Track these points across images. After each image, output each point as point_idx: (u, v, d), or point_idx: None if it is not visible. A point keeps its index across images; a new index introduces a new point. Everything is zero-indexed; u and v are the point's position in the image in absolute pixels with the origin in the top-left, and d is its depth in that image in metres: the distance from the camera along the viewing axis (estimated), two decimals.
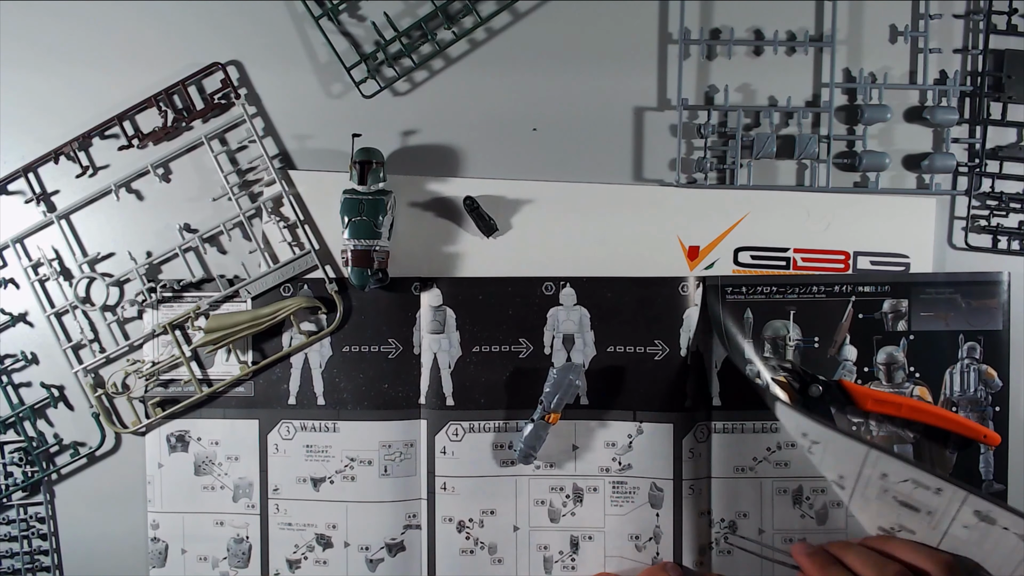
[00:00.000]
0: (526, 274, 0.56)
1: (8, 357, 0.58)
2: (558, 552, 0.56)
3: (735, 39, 0.55)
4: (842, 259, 0.56)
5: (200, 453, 0.57)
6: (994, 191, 0.56)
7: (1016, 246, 0.56)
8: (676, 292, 0.55)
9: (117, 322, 0.57)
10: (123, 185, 0.57)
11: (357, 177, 0.53)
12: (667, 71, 0.56)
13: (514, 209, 0.56)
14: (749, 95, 0.56)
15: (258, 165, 0.57)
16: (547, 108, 0.56)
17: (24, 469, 0.58)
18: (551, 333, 0.56)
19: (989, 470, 0.55)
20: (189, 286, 0.57)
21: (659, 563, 0.53)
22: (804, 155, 0.55)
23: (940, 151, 0.56)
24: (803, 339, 0.55)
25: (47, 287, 0.58)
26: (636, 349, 0.55)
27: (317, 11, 0.55)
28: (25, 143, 0.57)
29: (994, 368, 0.55)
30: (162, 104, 0.56)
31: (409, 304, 0.56)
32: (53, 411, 0.58)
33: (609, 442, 0.56)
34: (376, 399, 0.57)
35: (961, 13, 0.56)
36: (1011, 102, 0.55)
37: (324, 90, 0.57)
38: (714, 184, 0.56)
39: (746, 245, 0.56)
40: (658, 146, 0.56)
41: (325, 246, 0.57)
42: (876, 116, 0.55)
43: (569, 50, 0.56)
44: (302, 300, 0.56)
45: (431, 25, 0.55)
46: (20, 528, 0.58)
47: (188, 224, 0.57)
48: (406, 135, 0.57)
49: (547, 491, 0.56)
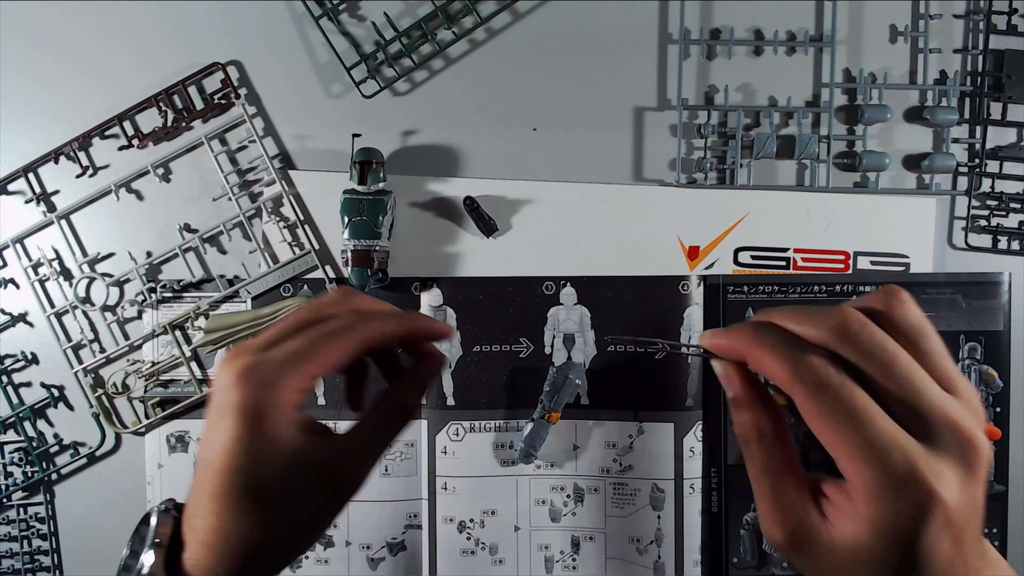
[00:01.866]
0: (526, 274, 0.56)
1: (8, 357, 0.58)
2: (559, 552, 0.56)
3: (735, 39, 0.55)
4: (842, 259, 0.56)
5: None
6: (994, 191, 0.56)
7: (1016, 246, 0.56)
8: (677, 291, 0.55)
9: (117, 322, 0.57)
10: (123, 185, 0.57)
11: (357, 177, 0.53)
12: (667, 71, 0.56)
13: (514, 209, 0.56)
14: (749, 95, 0.56)
15: (258, 165, 0.57)
16: (547, 108, 0.56)
17: (24, 469, 0.58)
18: (551, 333, 0.56)
19: (990, 471, 0.55)
20: (189, 286, 0.57)
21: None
22: (804, 155, 0.55)
23: (940, 151, 0.56)
24: None
25: (47, 287, 0.57)
26: (637, 349, 0.55)
27: (317, 11, 0.55)
28: (25, 143, 0.57)
29: (995, 369, 0.55)
30: (162, 104, 0.56)
31: (409, 304, 0.56)
32: (53, 411, 0.58)
33: (610, 442, 0.56)
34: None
35: (961, 13, 0.56)
36: (1011, 102, 0.55)
37: (324, 90, 0.57)
38: (714, 184, 0.56)
39: (746, 245, 0.56)
40: (658, 146, 0.56)
41: (325, 246, 0.57)
42: (876, 116, 0.55)
43: (569, 50, 0.56)
44: (302, 300, 0.56)
45: (431, 25, 0.55)
46: (20, 528, 0.58)
47: (188, 224, 0.57)
48: (406, 135, 0.57)
49: (548, 491, 0.56)
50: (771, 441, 0.33)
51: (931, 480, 0.28)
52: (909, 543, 0.28)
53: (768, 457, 0.33)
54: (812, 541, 0.31)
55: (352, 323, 0.36)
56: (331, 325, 0.36)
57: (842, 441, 0.29)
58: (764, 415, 0.34)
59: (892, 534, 0.28)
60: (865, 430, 0.28)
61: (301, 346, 0.35)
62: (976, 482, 0.29)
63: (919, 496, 0.28)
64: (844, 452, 0.29)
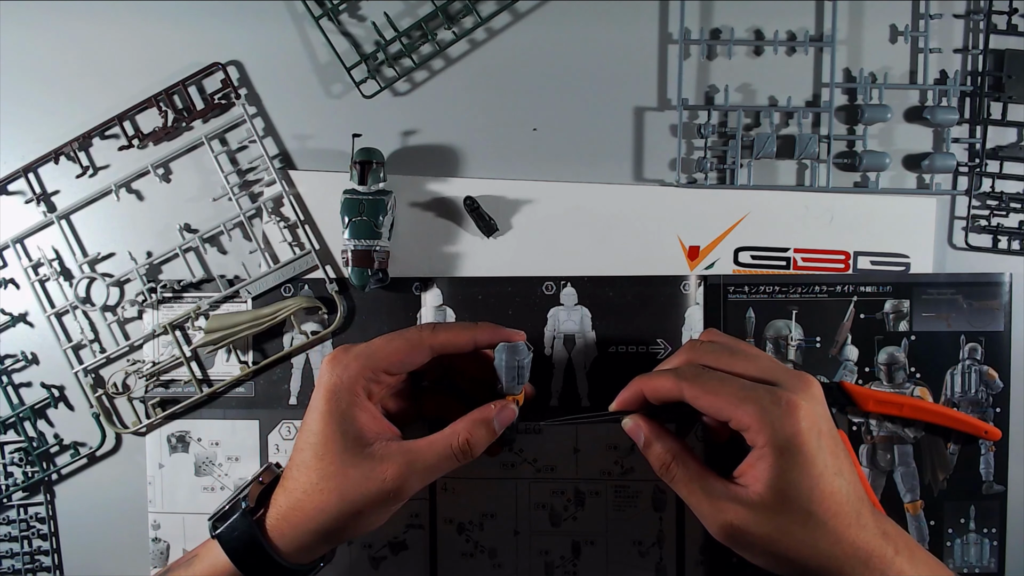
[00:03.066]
0: (526, 274, 0.56)
1: (8, 357, 0.58)
2: (559, 557, 0.56)
3: (735, 39, 0.55)
4: (842, 259, 0.56)
5: (200, 454, 0.57)
6: (994, 191, 0.56)
7: (1016, 246, 0.56)
8: (678, 291, 0.55)
9: (117, 322, 0.57)
10: (123, 185, 0.57)
11: (357, 177, 0.53)
12: (667, 71, 0.56)
13: (514, 209, 0.56)
14: (749, 95, 0.56)
15: (258, 165, 0.57)
16: (547, 108, 0.56)
17: (24, 469, 0.58)
18: (552, 333, 0.56)
19: (990, 471, 0.55)
20: (189, 286, 0.57)
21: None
22: (804, 155, 0.55)
23: (940, 151, 0.56)
24: (805, 339, 0.55)
25: (47, 287, 0.57)
26: (638, 349, 0.55)
27: (317, 11, 0.55)
28: (25, 143, 0.57)
29: (995, 369, 0.55)
30: (162, 104, 0.56)
31: (410, 304, 0.56)
32: (53, 411, 0.58)
33: (611, 444, 0.56)
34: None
35: (961, 13, 0.56)
36: (1011, 102, 0.55)
37: (324, 90, 0.57)
38: (714, 184, 0.56)
39: (746, 245, 0.56)
40: (658, 146, 0.56)
41: (325, 246, 0.57)
42: (876, 116, 0.55)
43: (569, 50, 0.56)
44: (302, 300, 0.56)
45: (431, 25, 0.55)
46: (20, 528, 0.58)
47: (188, 224, 0.57)
48: (406, 135, 0.57)
49: (548, 495, 0.56)
50: (683, 455, 0.44)
51: (790, 393, 0.41)
52: (794, 446, 0.40)
53: (687, 468, 0.44)
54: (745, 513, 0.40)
55: (423, 330, 0.46)
56: (407, 331, 0.47)
57: (728, 401, 0.41)
58: (668, 440, 0.45)
59: (784, 446, 0.40)
60: (739, 384, 0.42)
61: (376, 344, 0.46)
62: (814, 400, 0.41)
63: (787, 404, 0.40)
64: (733, 408, 0.41)
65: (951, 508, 0.55)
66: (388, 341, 0.46)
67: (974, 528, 0.55)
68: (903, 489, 0.55)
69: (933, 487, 0.55)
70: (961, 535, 0.55)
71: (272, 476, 0.48)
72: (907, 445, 0.55)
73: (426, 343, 0.46)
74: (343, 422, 0.44)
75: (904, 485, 0.55)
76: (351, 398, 0.44)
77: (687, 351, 0.46)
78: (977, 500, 0.55)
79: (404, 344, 0.46)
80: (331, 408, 0.44)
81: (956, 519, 0.55)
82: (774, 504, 0.40)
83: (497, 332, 0.47)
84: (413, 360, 0.46)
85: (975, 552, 0.55)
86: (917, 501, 0.55)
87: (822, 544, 0.40)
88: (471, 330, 0.47)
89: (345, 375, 0.44)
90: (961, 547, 0.55)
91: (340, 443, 0.43)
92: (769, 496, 0.40)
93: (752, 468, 0.41)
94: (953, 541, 0.55)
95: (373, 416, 0.45)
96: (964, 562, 0.55)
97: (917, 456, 0.55)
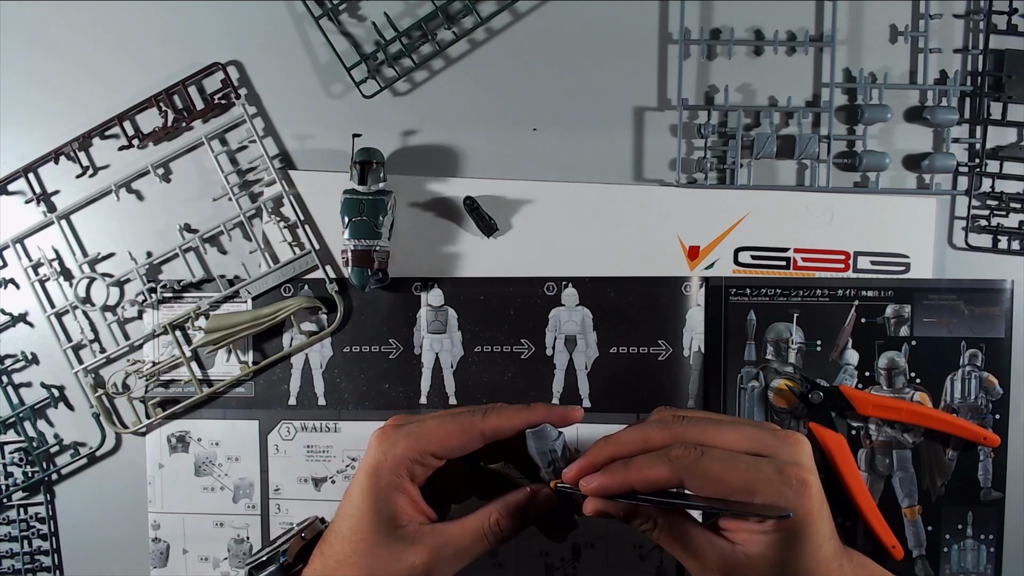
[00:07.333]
0: (526, 274, 0.56)
1: (8, 357, 0.58)
2: (559, 559, 0.56)
3: (735, 39, 0.55)
4: (842, 259, 0.56)
5: (200, 454, 0.57)
6: (994, 191, 0.56)
7: (1016, 246, 0.56)
8: (679, 292, 0.55)
9: (117, 322, 0.57)
10: (123, 185, 0.57)
11: (357, 177, 0.53)
12: (667, 71, 0.56)
13: (514, 209, 0.56)
14: (749, 95, 0.56)
15: (258, 165, 0.57)
16: (547, 108, 0.56)
17: (24, 469, 0.58)
18: (553, 334, 0.56)
19: (988, 477, 0.54)
20: (189, 286, 0.57)
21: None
22: (804, 155, 0.55)
23: (940, 151, 0.56)
24: (805, 342, 0.55)
25: (47, 287, 0.57)
26: (639, 350, 0.55)
27: (317, 11, 0.55)
28: (25, 143, 0.57)
29: (995, 376, 0.54)
30: (162, 104, 0.56)
31: (410, 304, 0.56)
32: (53, 411, 0.58)
33: None
34: (377, 399, 0.56)
35: (961, 13, 0.56)
36: (1011, 102, 0.55)
37: (324, 90, 0.57)
38: (714, 184, 0.56)
39: (746, 245, 0.56)
40: (658, 146, 0.56)
41: (325, 246, 0.57)
42: (876, 116, 0.55)
43: (569, 50, 0.56)
44: (302, 300, 0.56)
45: (431, 25, 0.55)
46: (20, 528, 0.58)
47: (188, 224, 0.57)
48: (406, 135, 0.57)
49: None
50: (664, 518, 0.42)
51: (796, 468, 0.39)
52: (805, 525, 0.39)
53: (670, 529, 0.42)
54: (737, 565, 0.40)
55: (475, 414, 0.44)
56: (460, 413, 0.45)
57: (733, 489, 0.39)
58: (644, 509, 0.43)
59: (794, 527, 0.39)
60: (743, 467, 0.39)
61: (429, 426, 0.44)
62: (814, 467, 0.40)
63: (799, 482, 0.39)
64: (742, 495, 0.39)
65: (949, 514, 0.55)
66: (440, 424, 0.44)
67: (971, 534, 0.55)
68: (901, 494, 0.55)
69: (931, 492, 0.55)
70: (958, 541, 0.55)
71: (314, 533, 0.48)
72: (906, 450, 0.55)
73: (478, 429, 0.44)
74: (379, 500, 0.43)
75: (902, 490, 0.55)
76: (392, 479, 0.43)
77: (664, 428, 0.42)
78: (975, 506, 0.55)
79: (456, 428, 0.44)
80: (371, 484, 0.43)
81: (954, 525, 0.55)
82: (770, 572, 0.40)
83: (551, 412, 0.45)
84: (464, 446, 0.44)
85: (972, 558, 0.55)
86: (915, 506, 0.55)
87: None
88: (524, 412, 0.45)
89: (391, 453, 0.43)
90: (958, 553, 0.55)
91: (374, 522, 0.43)
92: (764, 565, 0.40)
93: (750, 533, 0.40)
94: (950, 547, 0.55)
95: (412, 498, 0.44)
96: (961, 568, 0.55)
97: (916, 461, 0.55)
